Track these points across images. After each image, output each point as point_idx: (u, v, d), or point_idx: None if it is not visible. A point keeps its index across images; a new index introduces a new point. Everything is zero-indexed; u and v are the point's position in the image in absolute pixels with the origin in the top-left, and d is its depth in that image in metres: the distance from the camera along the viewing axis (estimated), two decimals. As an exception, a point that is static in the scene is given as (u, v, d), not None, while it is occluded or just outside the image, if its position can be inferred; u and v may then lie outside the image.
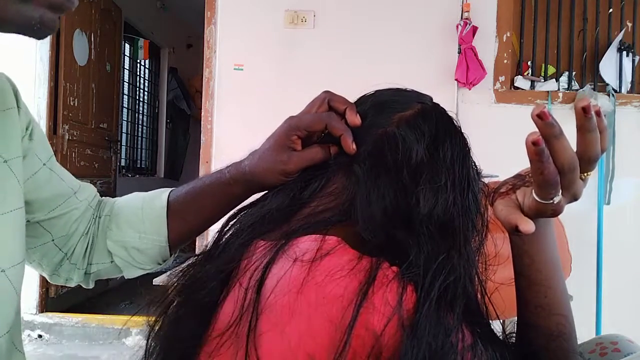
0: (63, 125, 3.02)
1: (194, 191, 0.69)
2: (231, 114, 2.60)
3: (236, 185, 0.66)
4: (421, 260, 0.50)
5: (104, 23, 3.53)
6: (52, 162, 0.66)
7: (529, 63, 2.67)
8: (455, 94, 2.52)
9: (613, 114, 2.50)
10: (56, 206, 0.66)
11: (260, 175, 0.63)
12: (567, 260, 1.58)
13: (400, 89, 0.64)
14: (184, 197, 0.70)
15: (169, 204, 0.70)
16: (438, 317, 0.47)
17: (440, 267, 0.50)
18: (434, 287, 0.48)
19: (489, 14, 2.56)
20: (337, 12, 2.61)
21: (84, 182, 0.72)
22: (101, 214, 0.72)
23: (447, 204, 0.55)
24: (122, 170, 4.52)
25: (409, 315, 0.47)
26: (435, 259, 0.51)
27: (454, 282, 0.50)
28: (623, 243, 2.51)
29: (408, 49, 2.56)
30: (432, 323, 0.47)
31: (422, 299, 0.47)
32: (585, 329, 2.34)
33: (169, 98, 5.36)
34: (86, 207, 0.70)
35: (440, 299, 0.48)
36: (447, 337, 0.47)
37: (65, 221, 0.67)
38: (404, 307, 0.47)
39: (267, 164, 0.62)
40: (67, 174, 0.69)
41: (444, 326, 0.47)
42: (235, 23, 2.65)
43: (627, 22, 2.69)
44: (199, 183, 0.69)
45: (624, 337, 0.74)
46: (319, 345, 0.46)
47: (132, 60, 4.64)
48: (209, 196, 0.68)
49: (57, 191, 0.66)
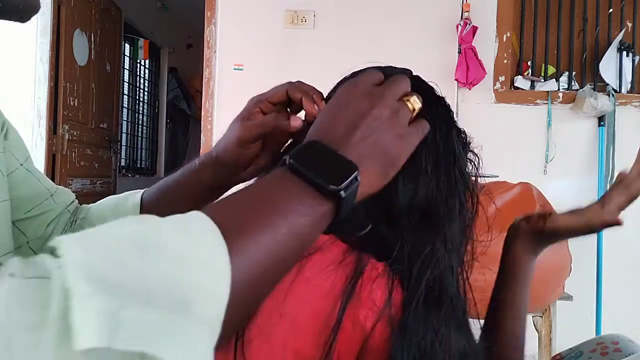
0: (63, 125, 3.02)
1: (165, 184, 0.69)
2: (231, 114, 2.56)
3: (205, 170, 0.64)
4: (405, 255, 0.49)
5: (104, 23, 3.53)
6: (30, 163, 0.66)
7: (529, 63, 2.67)
8: (455, 94, 2.52)
9: (613, 114, 2.50)
10: (32, 207, 0.65)
11: (221, 152, 0.62)
12: (567, 261, 1.59)
13: (377, 67, 0.60)
14: (156, 192, 0.69)
15: (142, 201, 0.69)
16: (426, 316, 0.47)
17: (426, 261, 0.49)
18: (420, 284, 0.48)
19: (489, 14, 2.56)
20: (337, 12, 2.61)
21: (62, 187, 0.72)
22: (77, 217, 0.72)
23: (428, 190, 0.52)
24: (122, 170, 4.52)
25: (397, 313, 0.46)
26: (420, 253, 0.49)
27: (440, 276, 0.49)
28: (623, 243, 2.51)
29: (408, 49, 2.56)
30: (421, 322, 0.46)
31: (409, 297, 0.47)
32: (585, 329, 2.34)
33: (169, 98, 5.36)
34: (62, 210, 0.70)
35: (427, 296, 0.48)
36: (436, 336, 0.46)
37: (40, 222, 0.66)
38: (393, 303, 0.47)
39: (225, 139, 0.62)
40: (44, 177, 0.69)
41: (432, 325, 0.47)
42: (235, 23, 2.65)
43: (627, 22, 2.69)
44: (169, 177, 0.69)
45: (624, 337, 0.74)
46: (306, 342, 0.46)
47: (132, 60, 4.64)
48: (180, 186, 0.67)
49: (33, 192, 0.66)
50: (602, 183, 2.47)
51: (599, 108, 2.43)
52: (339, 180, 0.39)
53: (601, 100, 2.45)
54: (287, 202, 0.38)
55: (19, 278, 0.26)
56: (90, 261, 0.27)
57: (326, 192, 0.39)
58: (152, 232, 0.31)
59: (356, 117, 0.44)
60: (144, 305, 0.26)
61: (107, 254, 0.28)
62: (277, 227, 0.37)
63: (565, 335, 1.74)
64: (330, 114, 0.46)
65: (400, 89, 0.47)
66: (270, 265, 0.36)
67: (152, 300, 0.27)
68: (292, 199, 0.39)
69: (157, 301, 0.27)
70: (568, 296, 1.65)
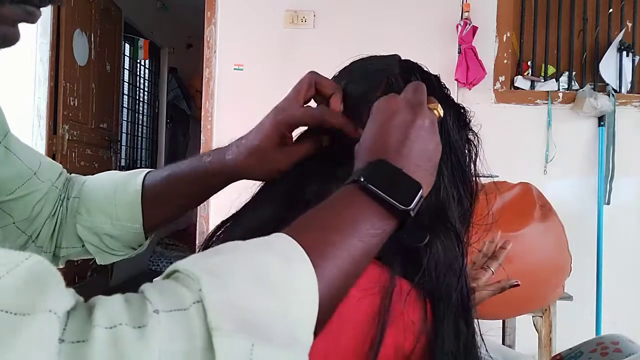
0: (63, 125, 3.02)
1: (170, 178, 0.65)
2: (231, 114, 2.59)
3: (217, 177, 0.62)
4: (433, 267, 0.49)
5: (104, 23, 3.52)
6: (9, 140, 0.61)
7: (529, 63, 2.67)
8: (455, 94, 2.52)
9: (613, 114, 2.50)
10: (15, 188, 0.61)
11: (248, 170, 0.60)
12: (567, 261, 1.58)
13: (364, 57, 0.62)
14: (160, 183, 0.66)
15: (144, 188, 0.66)
16: (458, 326, 0.48)
17: (455, 271, 0.49)
18: (451, 295, 0.48)
19: (489, 14, 2.56)
20: (337, 12, 2.61)
21: (46, 159, 0.67)
22: (69, 195, 0.68)
23: (440, 190, 0.52)
24: (122, 170, 4.52)
25: (432, 329, 0.47)
26: (449, 264, 0.49)
27: (465, 284, 0.50)
28: (623, 243, 2.51)
29: (408, 49, 2.53)
30: (454, 334, 0.47)
31: (442, 311, 0.47)
32: (586, 329, 2.34)
33: (169, 98, 5.36)
34: (49, 187, 0.66)
35: (457, 307, 0.48)
36: (466, 345, 0.48)
37: (26, 204, 0.63)
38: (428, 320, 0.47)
39: (257, 160, 0.59)
40: (27, 153, 0.64)
41: (463, 334, 0.48)
42: (235, 23, 2.65)
43: (627, 22, 2.69)
44: (176, 170, 0.65)
45: (625, 337, 0.74)
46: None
47: (132, 60, 4.63)
48: (186, 185, 0.64)
49: (14, 172, 0.61)
50: (602, 183, 2.47)
51: (599, 108, 2.43)
52: (409, 201, 0.42)
53: (601, 100, 2.45)
54: (363, 224, 0.41)
55: (163, 313, 0.30)
56: (225, 300, 0.31)
57: (397, 212, 0.42)
58: (264, 267, 0.34)
59: (405, 128, 0.47)
60: (267, 342, 0.31)
61: (237, 294, 0.32)
62: (355, 249, 0.39)
63: (565, 335, 1.74)
64: (381, 129, 0.47)
65: (423, 93, 0.50)
66: (343, 285, 0.39)
67: (273, 337, 0.32)
68: (367, 221, 0.41)
69: (276, 338, 0.32)
70: (568, 296, 1.65)
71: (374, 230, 0.41)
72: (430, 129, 0.48)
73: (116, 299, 0.31)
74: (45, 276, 0.30)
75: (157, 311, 0.30)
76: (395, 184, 0.43)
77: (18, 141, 0.63)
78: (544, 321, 1.65)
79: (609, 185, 2.48)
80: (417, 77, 0.56)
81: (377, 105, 0.49)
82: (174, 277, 0.34)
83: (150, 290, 0.32)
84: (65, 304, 0.29)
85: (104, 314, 0.29)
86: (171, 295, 0.31)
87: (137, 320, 0.29)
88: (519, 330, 1.86)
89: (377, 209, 0.42)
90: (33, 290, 0.29)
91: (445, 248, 0.50)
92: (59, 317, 0.28)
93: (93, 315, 0.29)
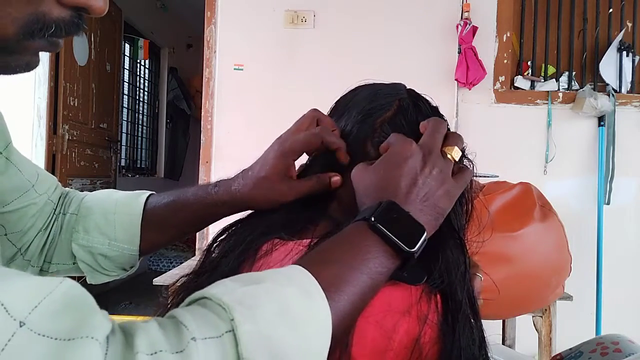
0: (63, 125, 3.02)
1: (175, 205, 0.66)
2: (231, 114, 2.59)
3: (224, 207, 0.63)
4: (444, 271, 0.51)
5: (104, 23, 3.52)
6: (10, 151, 0.60)
7: (529, 63, 2.67)
8: (455, 94, 2.52)
9: (613, 114, 2.50)
10: (11, 200, 0.60)
11: (255, 201, 0.62)
12: (567, 261, 1.58)
13: (370, 84, 0.64)
14: (163, 210, 0.66)
15: (145, 212, 0.66)
16: (470, 325, 0.50)
17: (462, 273, 0.52)
18: (462, 297, 0.50)
19: (489, 14, 2.56)
20: (337, 12, 2.61)
21: (42, 171, 0.66)
22: (66, 210, 0.67)
23: None
24: (122, 170, 4.52)
25: (447, 325, 0.49)
26: (456, 268, 0.52)
27: (470, 285, 0.52)
28: (623, 243, 2.51)
29: (408, 49, 2.56)
30: (467, 333, 0.49)
31: (455, 310, 0.49)
32: (586, 329, 2.34)
33: (169, 98, 5.36)
34: (45, 201, 0.65)
35: (467, 308, 0.50)
36: (475, 342, 0.50)
37: (20, 216, 0.62)
38: (441, 314, 0.49)
39: (264, 191, 0.60)
40: (27, 165, 0.63)
41: (472, 331, 0.50)
42: (235, 23, 2.65)
43: (627, 22, 2.69)
44: (181, 197, 0.65)
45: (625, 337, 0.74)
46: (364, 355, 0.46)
47: (132, 60, 4.63)
48: (191, 213, 0.65)
49: (12, 184, 0.60)
50: (602, 183, 2.47)
51: (599, 108, 2.43)
52: (414, 243, 0.46)
53: (601, 100, 2.45)
54: (372, 262, 0.44)
55: (200, 340, 0.33)
56: (255, 332, 0.34)
57: (402, 252, 0.46)
58: (287, 300, 0.37)
59: (413, 174, 0.50)
60: None
61: (265, 326, 0.35)
62: (364, 285, 0.43)
63: (565, 335, 1.74)
64: (394, 173, 0.51)
65: (441, 135, 0.53)
66: (352, 317, 0.43)
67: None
68: (377, 259, 0.45)
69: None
70: (568, 296, 1.65)
71: (382, 269, 0.45)
72: (438, 177, 0.50)
73: (152, 325, 0.33)
74: (82, 300, 0.32)
75: (194, 338, 0.32)
76: (403, 226, 0.46)
77: (18, 152, 0.63)
78: (544, 321, 1.65)
79: (609, 185, 2.48)
80: (423, 104, 0.60)
81: (392, 149, 0.52)
82: (200, 303, 0.37)
83: (184, 316, 0.34)
84: (104, 329, 0.31)
85: (144, 340, 0.31)
86: (205, 322, 0.34)
87: (175, 346, 0.32)
88: (519, 330, 1.86)
89: (385, 249, 0.45)
90: (72, 315, 0.30)
91: (454, 254, 0.53)
92: (100, 342, 0.29)
93: (134, 342, 0.31)
